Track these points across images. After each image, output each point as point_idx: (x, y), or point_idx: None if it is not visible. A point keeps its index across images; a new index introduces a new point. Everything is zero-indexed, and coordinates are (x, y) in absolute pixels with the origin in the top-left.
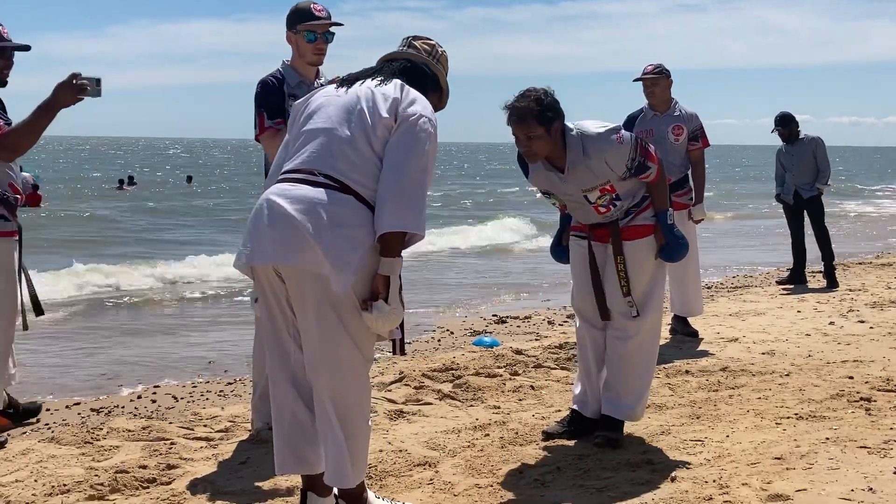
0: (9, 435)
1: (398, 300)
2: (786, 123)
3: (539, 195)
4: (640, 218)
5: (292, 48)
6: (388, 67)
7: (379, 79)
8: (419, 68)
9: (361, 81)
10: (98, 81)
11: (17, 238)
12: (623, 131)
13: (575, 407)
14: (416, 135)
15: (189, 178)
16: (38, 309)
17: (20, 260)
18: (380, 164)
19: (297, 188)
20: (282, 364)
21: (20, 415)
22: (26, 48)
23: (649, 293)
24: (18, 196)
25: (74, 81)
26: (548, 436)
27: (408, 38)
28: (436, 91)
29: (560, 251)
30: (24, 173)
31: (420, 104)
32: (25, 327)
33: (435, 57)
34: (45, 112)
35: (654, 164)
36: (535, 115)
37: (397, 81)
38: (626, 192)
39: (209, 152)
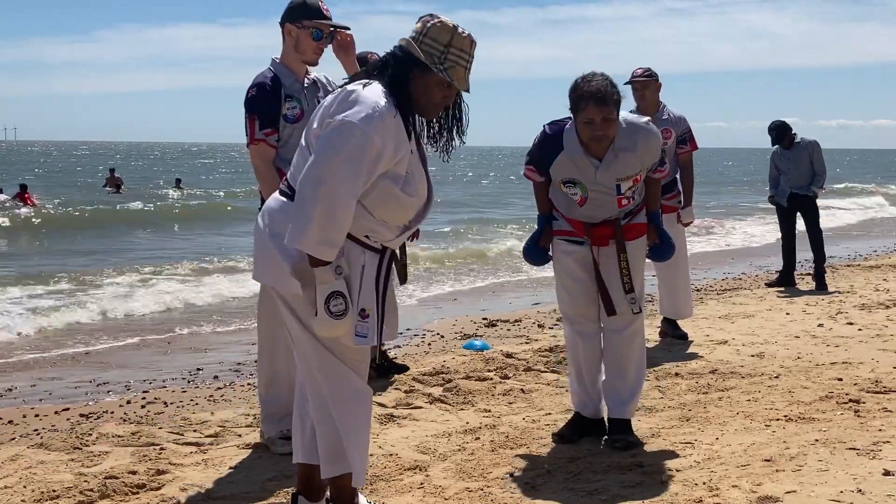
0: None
1: (324, 310)
2: (781, 134)
3: (560, 184)
4: (638, 217)
5: (288, 42)
6: (376, 64)
7: (356, 80)
8: (404, 54)
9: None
10: None
11: None
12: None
13: (577, 409)
14: (327, 140)
15: (178, 182)
16: (404, 276)
17: None
18: None
19: (272, 199)
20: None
21: (389, 368)
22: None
23: (642, 290)
24: None
25: None
26: (560, 438)
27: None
28: (423, 72)
29: (536, 252)
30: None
31: (356, 107)
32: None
33: (422, 33)
34: None
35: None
36: (615, 98)
37: (359, 84)
38: (640, 187)
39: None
